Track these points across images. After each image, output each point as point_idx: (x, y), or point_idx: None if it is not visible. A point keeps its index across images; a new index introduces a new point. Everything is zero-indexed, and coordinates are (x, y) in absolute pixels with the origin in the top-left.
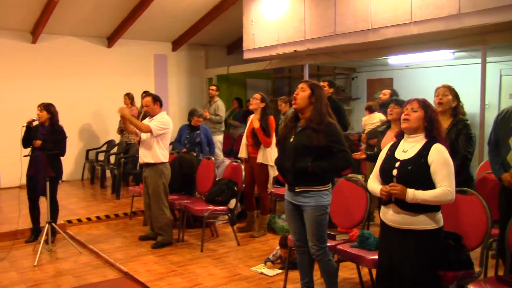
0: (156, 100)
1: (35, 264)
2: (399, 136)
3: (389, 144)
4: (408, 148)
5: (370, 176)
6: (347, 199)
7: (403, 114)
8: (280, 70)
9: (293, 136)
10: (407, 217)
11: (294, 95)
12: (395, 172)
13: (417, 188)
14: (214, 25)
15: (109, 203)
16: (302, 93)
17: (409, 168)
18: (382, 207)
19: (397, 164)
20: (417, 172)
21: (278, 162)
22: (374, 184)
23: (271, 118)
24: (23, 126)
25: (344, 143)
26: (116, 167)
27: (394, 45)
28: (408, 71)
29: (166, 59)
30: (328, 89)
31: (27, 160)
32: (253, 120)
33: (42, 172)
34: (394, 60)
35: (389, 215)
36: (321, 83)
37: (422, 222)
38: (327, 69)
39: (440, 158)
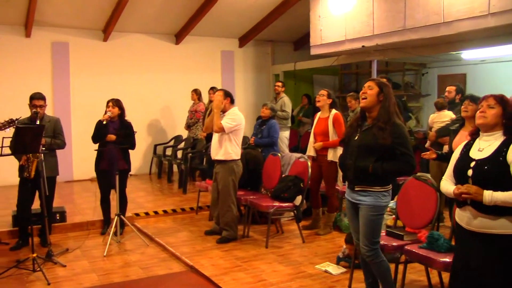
0: (227, 95)
1: (105, 254)
2: (474, 135)
3: (463, 143)
4: (484, 147)
5: (443, 177)
6: (415, 199)
7: (478, 111)
8: (348, 66)
9: (358, 135)
10: (486, 220)
11: (361, 93)
12: (470, 172)
13: (495, 189)
14: (280, 21)
15: (175, 198)
16: (369, 91)
17: (485, 167)
18: (458, 210)
19: (472, 163)
20: (495, 171)
21: (340, 159)
22: (448, 185)
23: (338, 113)
24: (103, 122)
25: (409, 147)
26: (183, 162)
27: (468, 39)
28: (483, 66)
29: (233, 56)
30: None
31: (95, 154)
32: (321, 120)
33: (116, 165)
34: (468, 54)
35: (465, 218)
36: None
37: (503, 226)
38: (396, 65)
39: None
